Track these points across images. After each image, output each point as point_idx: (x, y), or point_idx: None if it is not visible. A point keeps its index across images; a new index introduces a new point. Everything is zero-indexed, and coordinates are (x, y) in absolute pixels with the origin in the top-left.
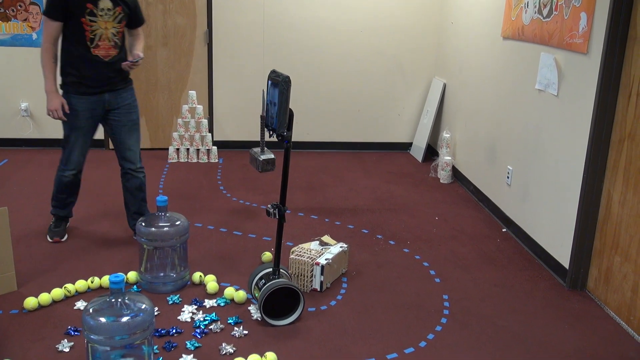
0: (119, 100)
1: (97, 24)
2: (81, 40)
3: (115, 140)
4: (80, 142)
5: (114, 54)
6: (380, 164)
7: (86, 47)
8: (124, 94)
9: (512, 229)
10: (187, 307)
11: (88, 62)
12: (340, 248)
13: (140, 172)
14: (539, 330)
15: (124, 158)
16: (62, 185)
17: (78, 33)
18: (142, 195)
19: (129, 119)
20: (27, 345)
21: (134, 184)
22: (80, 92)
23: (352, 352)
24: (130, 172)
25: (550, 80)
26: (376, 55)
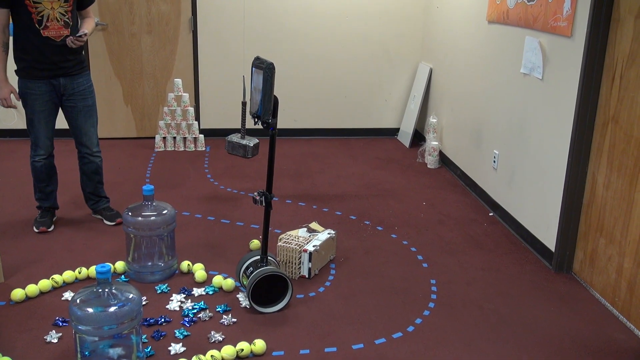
0: (74, 85)
1: (42, 5)
2: (29, 24)
3: (71, 125)
4: (43, 125)
5: (65, 34)
6: (368, 150)
7: (35, 31)
8: (80, 79)
9: (499, 213)
10: (176, 296)
11: (40, 46)
12: (328, 234)
13: (96, 157)
14: (526, 313)
15: (80, 142)
16: (37, 172)
17: (24, 17)
18: (99, 177)
19: (85, 104)
20: (15, 336)
21: (90, 168)
22: (35, 77)
23: (341, 337)
24: (87, 156)
25: (535, 64)
26: (362, 41)
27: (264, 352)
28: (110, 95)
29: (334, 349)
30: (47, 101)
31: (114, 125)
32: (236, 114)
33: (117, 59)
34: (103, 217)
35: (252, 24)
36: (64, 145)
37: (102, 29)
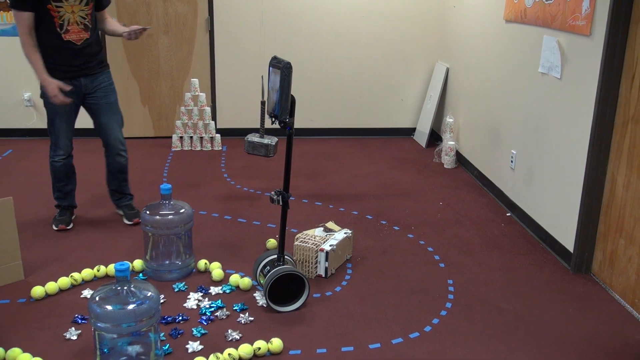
0: (95, 83)
1: (63, 9)
2: (51, 28)
3: (95, 123)
4: (64, 126)
5: (85, 37)
6: (384, 150)
7: (57, 34)
8: (100, 77)
9: (517, 213)
10: (193, 295)
11: (61, 49)
12: (345, 234)
13: (121, 155)
14: (544, 314)
15: (105, 141)
16: (56, 171)
17: (47, 21)
18: (124, 176)
19: (107, 101)
20: (35, 333)
21: (115, 166)
22: (57, 77)
23: (358, 337)
24: (112, 154)
25: (553, 63)
26: (379, 41)
27: (281, 350)
28: (128, 95)
29: (351, 349)
30: (69, 103)
31: (132, 125)
32: (253, 114)
33: (135, 59)
34: (123, 214)
35: (268, 24)
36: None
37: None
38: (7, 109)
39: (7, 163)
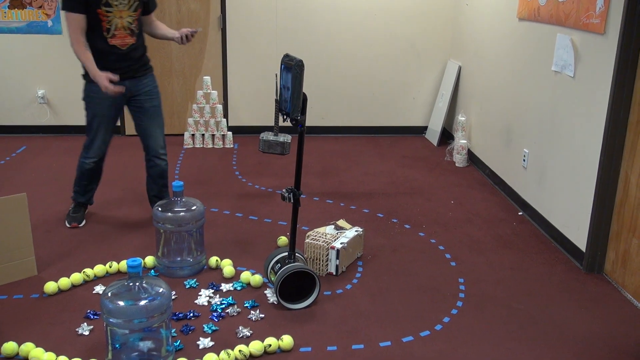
0: (140, 87)
1: (112, 14)
2: (98, 32)
3: (138, 126)
4: (102, 130)
5: (131, 42)
6: (395, 148)
7: (103, 38)
8: (145, 80)
9: (528, 212)
10: (204, 291)
11: (106, 53)
12: (356, 232)
13: (162, 159)
14: (555, 314)
15: (146, 144)
16: (84, 172)
17: (94, 24)
18: (163, 181)
19: (151, 104)
20: (48, 328)
21: (155, 170)
22: None
23: (368, 335)
24: (153, 158)
25: (567, 62)
26: (390, 39)
27: (291, 348)
28: None
29: (361, 346)
30: (110, 105)
31: None
32: (264, 111)
33: None
34: None
35: (281, 22)
36: None
37: None
38: (22, 106)
39: (21, 160)
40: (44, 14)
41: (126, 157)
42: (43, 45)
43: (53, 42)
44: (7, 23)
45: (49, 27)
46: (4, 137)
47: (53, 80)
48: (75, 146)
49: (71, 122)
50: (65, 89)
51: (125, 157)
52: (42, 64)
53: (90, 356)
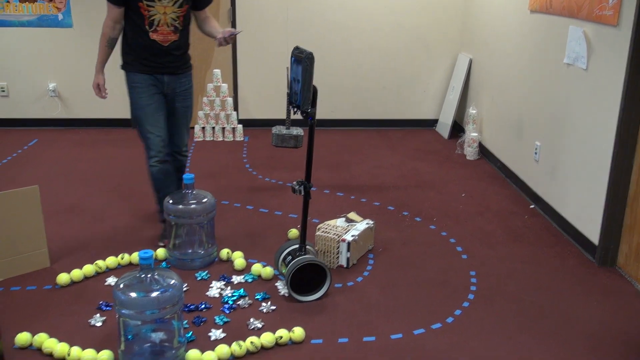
0: (177, 85)
1: (154, 9)
2: (140, 25)
3: (167, 123)
4: (150, 122)
5: (173, 39)
6: (406, 141)
7: (144, 32)
8: (183, 79)
9: (540, 206)
10: (215, 283)
11: (147, 47)
12: (367, 225)
13: (183, 156)
14: (567, 307)
15: (171, 141)
16: (154, 178)
17: (137, 18)
18: (179, 175)
19: (184, 104)
20: (61, 319)
21: (175, 165)
22: (140, 70)
23: (379, 327)
24: (175, 154)
25: (579, 54)
26: (401, 31)
27: (302, 339)
28: None
29: (373, 339)
30: (153, 94)
31: None
32: (275, 105)
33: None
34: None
35: (291, 15)
36: (106, 135)
37: None
38: (33, 99)
39: (33, 152)
40: (55, 8)
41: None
42: (54, 38)
43: (64, 36)
44: (19, 16)
45: (60, 20)
46: (16, 130)
47: (64, 74)
48: (86, 139)
49: (81, 115)
50: (76, 82)
51: (135, 150)
52: (53, 58)
53: (102, 347)
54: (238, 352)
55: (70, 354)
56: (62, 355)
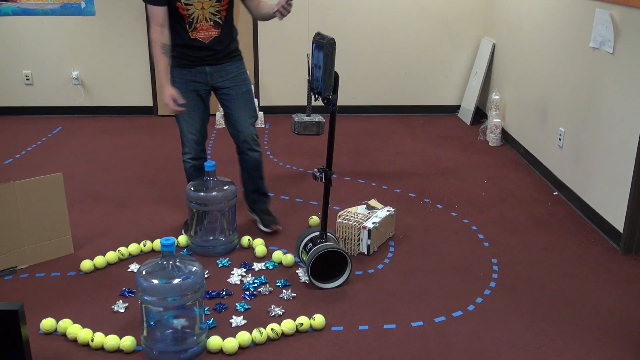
0: (223, 73)
1: (192, 7)
2: (180, 25)
3: (226, 116)
4: (186, 119)
5: (214, 35)
6: (428, 128)
7: (185, 31)
8: (229, 67)
9: (564, 192)
10: (237, 270)
11: (187, 45)
12: (387, 212)
13: (255, 151)
14: (591, 295)
15: (236, 136)
16: (187, 174)
17: (176, 18)
18: (259, 173)
19: (238, 91)
20: (85, 305)
21: (249, 163)
22: (178, 65)
23: (400, 315)
24: (245, 150)
25: (606, 38)
26: (423, 16)
27: (323, 327)
28: None
29: (393, 326)
30: (191, 91)
31: None
32: (296, 91)
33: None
34: (259, 219)
35: (310, 0)
36: (130, 122)
37: None
38: (56, 87)
39: (57, 140)
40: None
41: (159, 137)
42: (77, 26)
43: (86, 24)
44: (42, 5)
45: (82, 8)
46: (40, 118)
47: (87, 62)
48: (109, 127)
49: (105, 102)
50: (99, 70)
51: (158, 137)
52: (76, 46)
53: (125, 333)
54: (259, 339)
55: (93, 340)
56: (86, 341)
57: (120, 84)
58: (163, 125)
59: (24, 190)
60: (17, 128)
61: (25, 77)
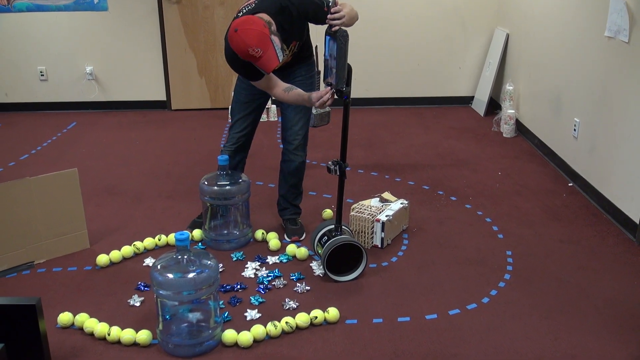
0: (286, 74)
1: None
2: None
3: (282, 116)
4: (239, 118)
5: (286, 60)
6: (441, 119)
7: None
8: (296, 70)
9: (579, 183)
10: (251, 264)
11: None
12: (401, 204)
13: (296, 156)
14: (607, 287)
15: (283, 137)
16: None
17: None
18: (294, 181)
19: None
20: (101, 299)
21: (288, 167)
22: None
23: (414, 307)
24: (286, 152)
25: (621, 27)
26: (436, 6)
27: (337, 320)
28: (185, 67)
29: (407, 319)
30: (254, 94)
31: (189, 97)
32: None
33: (192, 31)
34: (284, 228)
35: None
36: (144, 116)
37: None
38: (71, 82)
39: (71, 135)
40: None
41: (172, 131)
42: (90, 22)
43: (100, 19)
44: (56, 1)
45: (96, 4)
46: (55, 114)
47: (100, 57)
48: (123, 121)
49: (119, 97)
50: (112, 65)
51: (171, 131)
52: (90, 41)
53: (141, 327)
54: (273, 332)
55: (110, 334)
56: (102, 335)
57: (133, 78)
58: (175, 120)
59: (40, 186)
60: (32, 124)
61: (39, 73)
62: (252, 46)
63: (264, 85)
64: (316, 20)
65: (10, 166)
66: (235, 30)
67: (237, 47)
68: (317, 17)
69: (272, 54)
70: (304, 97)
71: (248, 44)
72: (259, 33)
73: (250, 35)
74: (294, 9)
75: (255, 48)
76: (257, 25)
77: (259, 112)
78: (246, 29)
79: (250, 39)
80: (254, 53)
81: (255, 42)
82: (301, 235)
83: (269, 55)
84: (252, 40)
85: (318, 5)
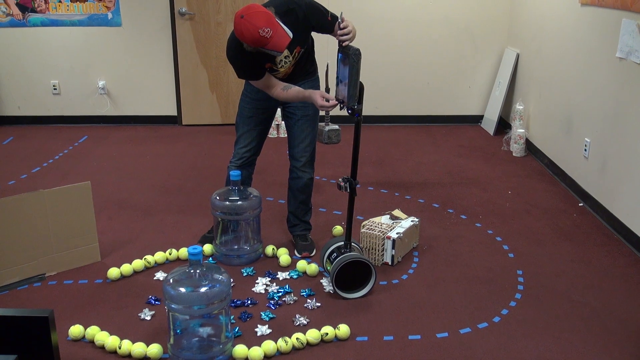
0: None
1: (279, 72)
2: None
3: (288, 134)
4: (245, 133)
5: (289, 72)
6: (451, 138)
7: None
8: (301, 86)
9: (590, 203)
10: (261, 279)
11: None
12: (411, 222)
13: (304, 172)
14: (618, 307)
15: (291, 154)
16: (227, 179)
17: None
18: (303, 197)
19: (304, 113)
20: (112, 313)
21: (296, 183)
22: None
23: (425, 325)
24: (294, 169)
25: (633, 48)
26: (446, 25)
27: (348, 337)
28: (197, 83)
29: (418, 337)
30: (258, 109)
31: (200, 112)
32: None
33: (204, 47)
34: (295, 244)
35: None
36: (154, 132)
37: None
38: (83, 96)
39: (83, 149)
40: (104, 7)
41: (182, 146)
42: (103, 37)
43: (113, 34)
44: (70, 16)
45: (109, 19)
46: (67, 127)
47: (113, 72)
48: (135, 135)
49: (130, 112)
50: (124, 80)
51: (181, 146)
52: (103, 56)
53: (152, 341)
54: (284, 348)
55: (121, 347)
56: (113, 348)
57: (145, 93)
58: (186, 135)
59: (53, 199)
60: (44, 137)
61: (52, 87)
62: (262, 26)
63: (263, 85)
64: (319, 27)
65: (22, 179)
66: (241, 17)
67: (247, 31)
68: (320, 24)
69: (281, 32)
70: (304, 94)
71: (257, 26)
72: (264, 13)
73: (258, 17)
74: (300, 11)
75: (264, 28)
76: (260, 7)
77: (264, 127)
78: (252, 12)
79: (258, 20)
80: (265, 34)
81: (263, 22)
82: (311, 251)
83: (279, 33)
84: (260, 22)
85: (322, 13)
